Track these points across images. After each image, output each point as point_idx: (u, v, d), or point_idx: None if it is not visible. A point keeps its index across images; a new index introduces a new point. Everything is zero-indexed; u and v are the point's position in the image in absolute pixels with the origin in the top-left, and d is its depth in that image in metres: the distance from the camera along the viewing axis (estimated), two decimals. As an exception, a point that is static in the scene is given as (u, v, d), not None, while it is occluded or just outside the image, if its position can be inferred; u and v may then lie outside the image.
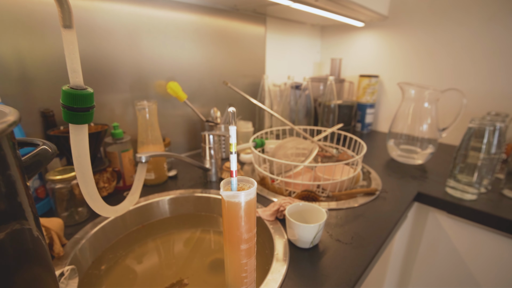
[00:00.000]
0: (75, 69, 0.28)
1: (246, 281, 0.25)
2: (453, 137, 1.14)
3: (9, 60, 0.59)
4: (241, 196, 0.23)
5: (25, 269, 0.25)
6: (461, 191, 0.72)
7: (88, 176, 0.34)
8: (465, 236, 0.74)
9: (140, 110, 0.71)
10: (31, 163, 0.28)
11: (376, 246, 0.53)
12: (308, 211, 0.56)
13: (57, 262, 0.47)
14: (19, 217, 0.24)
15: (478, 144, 0.69)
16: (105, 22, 0.71)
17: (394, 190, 0.75)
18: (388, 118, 1.34)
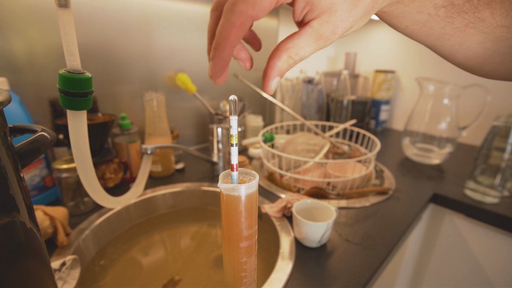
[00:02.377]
0: (72, 51, 0.26)
1: (245, 281, 0.24)
2: (473, 137, 1.08)
3: (19, 49, 0.59)
4: (241, 189, 0.21)
5: (17, 263, 0.24)
6: (481, 193, 0.68)
7: (87, 164, 0.33)
8: (485, 242, 0.69)
9: (148, 101, 0.70)
10: (26, 149, 0.27)
11: (388, 248, 0.50)
12: (316, 209, 0.54)
13: (60, 251, 0.47)
14: (10, 209, 0.23)
15: (502, 144, 0.64)
16: (116, 12, 0.70)
17: (408, 190, 0.72)
18: (404, 115, 1.29)
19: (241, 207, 0.21)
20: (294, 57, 0.19)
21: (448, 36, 0.22)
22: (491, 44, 0.21)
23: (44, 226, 0.47)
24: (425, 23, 0.21)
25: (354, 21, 0.19)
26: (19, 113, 0.54)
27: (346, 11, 0.18)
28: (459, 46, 0.22)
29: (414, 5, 0.20)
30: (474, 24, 0.21)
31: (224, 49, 0.18)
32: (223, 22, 0.18)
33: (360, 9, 0.18)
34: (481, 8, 0.20)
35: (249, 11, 0.17)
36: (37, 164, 0.58)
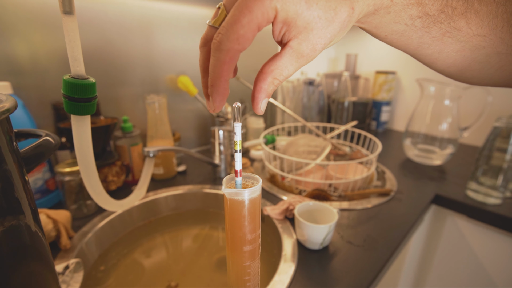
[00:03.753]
0: (76, 57, 0.26)
1: (249, 284, 0.24)
2: (475, 137, 1.08)
3: (22, 53, 0.59)
4: (245, 194, 0.21)
5: (22, 266, 0.24)
6: (483, 194, 0.68)
7: (90, 168, 0.33)
8: (487, 243, 0.69)
9: (150, 104, 0.70)
10: (31, 154, 0.27)
11: (390, 249, 0.50)
12: (318, 211, 0.54)
13: (63, 254, 0.47)
14: (16, 212, 0.24)
15: (504, 145, 0.64)
16: (117, 15, 0.70)
17: (410, 191, 0.72)
18: (405, 116, 1.28)
19: (244, 211, 0.22)
20: (279, 77, 0.20)
21: (427, 45, 0.22)
22: (469, 52, 0.22)
23: (47, 230, 0.47)
24: (403, 33, 0.22)
25: (332, 36, 0.19)
26: (22, 117, 0.54)
27: (323, 28, 0.19)
28: (438, 54, 0.23)
29: (390, 16, 0.21)
30: (451, 34, 0.21)
31: (220, 85, 0.20)
32: (214, 60, 0.19)
33: (336, 25, 0.19)
34: (456, 18, 0.20)
35: (235, 46, 0.18)
36: (40, 168, 0.58)
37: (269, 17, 0.18)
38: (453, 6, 0.20)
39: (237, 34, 0.18)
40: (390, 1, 0.20)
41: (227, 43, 0.18)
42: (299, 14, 0.18)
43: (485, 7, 0.20)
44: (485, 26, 0.20)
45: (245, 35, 0.18)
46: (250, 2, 0.17)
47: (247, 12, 0.17)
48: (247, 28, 0.18)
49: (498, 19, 0.20)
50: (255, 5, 0.17)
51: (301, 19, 0.18)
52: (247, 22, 0.17)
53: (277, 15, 0.18)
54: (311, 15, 0.18)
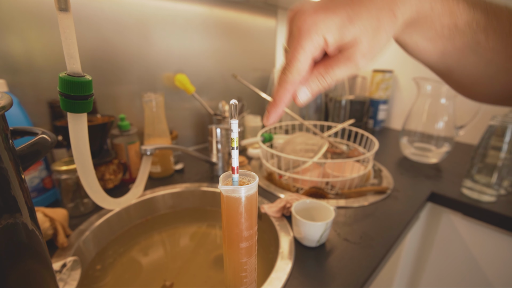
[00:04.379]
0: (72, 54, 0.26)
1: (245, 280, 0.24)
2: (471, 136, 1.09)
3: (18, 50, 0.59)
4: (241, 191, 0.21)
5: (20, 264, 0.24)
6: (478, 192, 0.68)
7: (87, 167, 0.33)
8: (482, 240, 0.70)
9: (147, 102, 0.70)
10: (27, 152, 0.27)
11: (386, 246, 0.51)
12: (315, 209, 0.54)
13: (61, 252, 0.47)
14: (12, 211, 0.23)
15: (499, 143, 0.65)
16: (114, 13, 0.70)
17: (406, 189, 0.72)
18: (402, 115, 1.29)
19: (241, 209, 0.22)
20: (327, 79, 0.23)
21: (449, 55, 0.25)
22: (483, 66, 0.24)
23: (44, 228, 0.47)
24: (431, 39, 0.24)
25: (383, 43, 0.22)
26: (18, 115, 0.54)
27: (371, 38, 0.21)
28: (457, 64, 0.25)
29: (426, 24, 0.23)
30: (471, 47, 0.23)
31: (279, 106, 0.23)
32: (279, 88, 0.23)
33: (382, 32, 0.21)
34: (478, 32, 0.23)
35: (297, 77, 0.22)
36: (37, 166, 0.58)
37: (320, 45, 0.21)
38: (477, 20, 0.22)
39: (298, 69, 0.21)
40: (430, 9, 0.22)
41: (291, 76, 0.22)
42: (345, 33, 0.20)
43: (501, 26, 0.22)
44: (499, 42, 0.23)
45: (304, 68, 0.22)
46: (302, 41, 0.21)
47: (301, 51, 0.21)
48: (304, 63, 0.21)
49: (510, 39, 0.22)
50: (306, 43, 0.21)
51: (348, 35, 0.21)
52: (304, 58, 0.21)
53: (327, 41, 0.21)
54: (356, 29, 0.20)
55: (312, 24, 0.20)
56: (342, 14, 0.20)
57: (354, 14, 0.20)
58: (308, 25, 0.20)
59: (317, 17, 0.20)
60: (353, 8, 0.20)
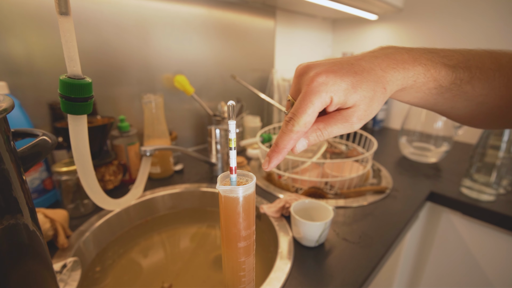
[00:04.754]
0: (72, 57, 0.27)
1: (244, 280, 0.24)
2: (470, 135, 1.09)
3: (18, 53, 0.59)
4: (239, 191, 0.22)
5: (21, 265, 0.25)
6: (477, 191, 0.69)
7: (87, 168, 0.33)
8: (481, 239, 0.70)
9: (147, 103, 0.70)
10: (29, 154, 0.27)
11: (385, 246, 0.51)
12: (314, 209, 0.54)
13: (61, 253, 0.47)
14: (14, 212, 0.24)
15: (497, 142, 0.65)
16: (113, 15, 0.70)
17: (406, 189, 0.72)
18: (401, 115, 1.29)
19: (239, 208, 0.22)
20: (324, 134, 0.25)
21: (441, 104, 0.28)
22: (476, 107, 0.27)
23: (45, 229, 0.47)
24: (421, 98, 0.28)
25: (374, 110, 0.25)
26: (19, 116, 0.54)
27: (367, 104, 0.24)
28: (451, 109, 0.29)
29: (413, 90, 0.26)
30: (460, 96, 0.27)
31: (281, 153, 0.25)
32: (283, 135, 0.24)
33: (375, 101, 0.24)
34: (463, 85, 0.26)
35: (303, 129, 0.24)
36: (37, 167, 0.58)
37: (326, 103, 0.23)
38: (460, 78, 0.25)
39: (304, 121, 0.23)
40: (413, 82, 0.25)
41: (297, 127, 0.23)
42: (349, 97, 0.23)
43: (485, 74, 0.25)
44: (486, 87, 0.26)
45: (310, 121, 0.24)
46: (312, 97, 0.23)
47: (310, 105, 0.23)
48: (311, 116, 0.23)
49: (496, 82, 0.25)
50: (315, 99, 0.23)
51: (351, 100, 0.24)
52: (311, 112, 0.23)
53: (332, 101, 0.23)
54: (357, 96, 0.23)
55: (323, 84, 0.23)
56: (348, 81, 0.23)
57: (357, 83, 0.23)
58: (319, 84, 0.23)
59: (328, 78, 0.23)
60: (356, 78, 0.23)
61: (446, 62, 0.25)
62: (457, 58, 0.26)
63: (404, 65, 0.25)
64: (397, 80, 0.25)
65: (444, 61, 0.25)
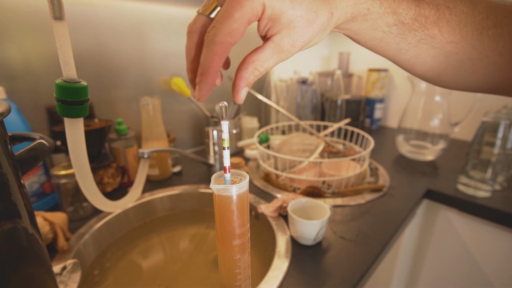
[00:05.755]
0: (68, 61, 0.27)
1: (239, 277, 0.25)
2: (466, 132, 1.10)
3: (15, 58, 0.59)
4: (233, 189, 0.22)
5: (20, 268, 0.25)
6: (473, 188, 0.69)
7: (85, 170, 0.34)
8: (478, 235, 0.71)
9: (144, 106, 0.71)
10: (26, 157, 0.28)
11: (382, 243, 0.52)
12: (311, 208, 0.55)
13: (61, 256, 0.48)
14: (13, 215, 0.24)
15: (492, 139, 0.66)
16: (109, 18, 0.71)
17: (403, 187, 0.73)
18: (398, 113, 1.30)
19: (233, 207, 0.23)
20: (260, 69, 0.21)
21: (404, 51, 0.24)
22: (444, 57, 0.24)
23: (44, 232, 0.48)
24: (381, 39, 0.23)
25: (311, 36, 0.21)
26: (16, 121, 0.55)
27: (303, 27, 0.20)
28: (416, 59, 0.25)
29: (368, 23, 0.22)
30: (425, 40, 0.23)
31: (209, 75, 0.21)
32: (207, 51, 0.20)
33: (316, 26, 0.21)
34: (429, 26, 0.22)
35: (228, 39, 0.19)
36: (36, 171, 0.58)
37: (257, 12, 0.19)
38: (425, 15, 0.22)
39: (230, 28, 0.19)
40: (367, 10, 0.21)
41: (221, 36, 0.19)
42: (284, 12, 0.19)
43: (455, 17, 0.22)
44: (457, 33, 0.22)
45: (238, 29, 0.19)
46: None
47: (238, 8, 0.18)
48: (239, 22, 0.19)
49: (468, 28, 0.22)
50: (245, 1, 0.18)
51: (285, 16, 0.20)
52: (239, 17, 0.19)
53: (264, 11, 0.19)
54: (294, 14, 0.20)
55: None
56: None
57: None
58: None
59: None
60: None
61: None
62: None
63: None
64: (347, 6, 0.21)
65: None
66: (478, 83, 0.25)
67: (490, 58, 0.23)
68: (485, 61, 0.23)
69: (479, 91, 0.26)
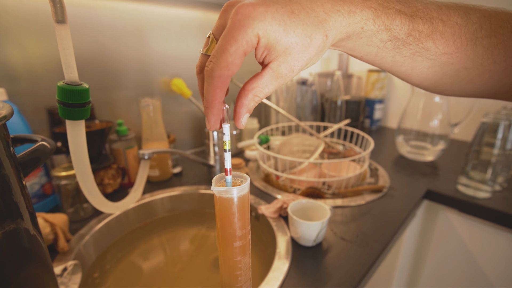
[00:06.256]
0: (69, 64, 0.27)
1: (240, 279, 0.25)
2: (466, 133, 1.10)
3: (16, 59, 0.60)
4: (234, 191, 0.22)
5: (22, 268, 0.25)
6: (473, 188, 0.69)
7: (86, 172, 0.34)
8: (478, 235, 0.71)
9: (144, 107, 0.71)
10: (28, 159, 0.28)
11: (382, 244, 0.52)
12: (311, 209, 0.55)
13: (61, 257, 0.48)
14: (15, 216, 0.24)
15: (492, 140, 0.66)
16: (109, 20, 0.71)
17: (403, 188, 0.73)
18: (398, 114, 1.30)
19: (234, 209, 0.23)
20: (259, 95, 0.22)
21: (400, 63, 0.24)
22: (439, 68, 0.24)
23: (45, 233, 0.48)
24: (376, 54, 0.24)
25: (308, 60, 0.22)
26: (18, 122, 0.55)
27: (299, 52, 0.21)
28: (411, 70, 0.25)
29: (362, 41, 0.23)
30: (420, 53, 0.23)
31: (214, 107, 0.22)
32: (207, 86, 0.21)
33: (311, 50, 0.21)
34: (423, 40, 0.22)
35: (225, 72, 0.20)
36: (37, 172, 0.58)
37: (253, 43, 0.20)
38: (419, 30, 0.22)
39: (226, 62, 0.19)
40: (361, 29, 0.22)
41: (218, 70, 0.20)
42: (278, 40, 0.20)
43: (449, 29, 0.22)
44: (451, 45, 0.22)
45: (234, 62, 0.20)
46: (235, 32, 0.19)
47: (233, 42, 0.19)
48: (235, 55, 0.19)
49: (462, 39, 0.22)
50: (239, 35, 0.19)
51: (280, 44, 0.20)
52: (234, 51, 0.19)
53: (259, 41, 0.20)
54: (289, 41, 0.20)
55: (249, 17, 0.19)
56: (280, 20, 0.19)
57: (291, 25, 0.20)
58: (244, 17, 0.19)
59: (256, 12, 0.19)
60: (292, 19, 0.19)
61: (402, 8, 0.22)
62: (415, 6, 0.22)
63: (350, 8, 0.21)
64: (341, 27, 0.21)
65: (398, 7, 0.22)
66: (475, 90, 0.25)
67: (485, 67, 0.23)
68: (480, 69, 0.23)
69: (478, 96, 0.27)
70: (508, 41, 0.22)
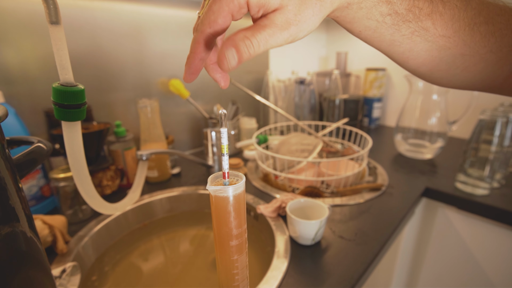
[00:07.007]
0: (64, 65, 0.27)
1: (237, 277, 0.25)
2: (464, 130, 1.10)
3: (12, 61, 0.60)
4: (229, 190, 0.22)
5: (19, 272, 0.25)
6: (471, 186, 0.69)
7: (83, 173, 0.34)
8: (476, 232, 0.71)
9: (142, 108, 0.71)
10: (24, 161, 0.28)
11: (381, 242, 0.52)
12: (310, 207, 0.55)
13: (60, 259, 0.48)
14: (11, 219, 0.24)
15: (489, 137, 0.66)
16: (106, 21, 0.71)
17: (401, 186, 0.73)
18: (396, 112, 1.30)
19: (229, 207, 0.23)
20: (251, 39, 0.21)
21: (398, 43, 0.24)
22: (437, 52, 0.24)
23: (44, 235, 0.48)
24: (375, 29, 0.23)
25: (306, 17, 0.21)
26: (15, 125, 0.55)
27: (296, 5, 0.21)
28: (409, 53, 0.25)
29: (362, 12, 0.22)
30: (419, 33, 0.23)
31: (193, 60, 0.23)
32: (192, 40, 0.23)
33: (309, 11, 0.21)
34: (423, 18, 0.22)
35: (207, 28, 0.21)
36: (35, 174, 0.58)
37: (240, 3, 0.20)
38: (419, 6, 0.22)
39: (209, 19, 0.20)
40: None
41: (201, 26, 0.21)
42: None
43: (449, 11, 0.22)
44: (449, 28, 0.22)
45: (216, 19, 0.20)
46: None
47: (218, 2, 0.20)
48: (217, 13, 0.20)
49: (460, 22, 0.22)
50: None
51: (274, 2, 0.20)
52: (217, 9, 0.20)
53: (249, 3, 0.20)
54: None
55: None
56: None
57: None
58: None
59: None
60: None
61: None
62: None
63: None
64: None
65: None
66: (470, 80, 0.25)
67: (481, 55, 0.23)
68: (476, 57, 0.24)
69: (472, 88, 0.27)
70: (505, 29, 0.22)
